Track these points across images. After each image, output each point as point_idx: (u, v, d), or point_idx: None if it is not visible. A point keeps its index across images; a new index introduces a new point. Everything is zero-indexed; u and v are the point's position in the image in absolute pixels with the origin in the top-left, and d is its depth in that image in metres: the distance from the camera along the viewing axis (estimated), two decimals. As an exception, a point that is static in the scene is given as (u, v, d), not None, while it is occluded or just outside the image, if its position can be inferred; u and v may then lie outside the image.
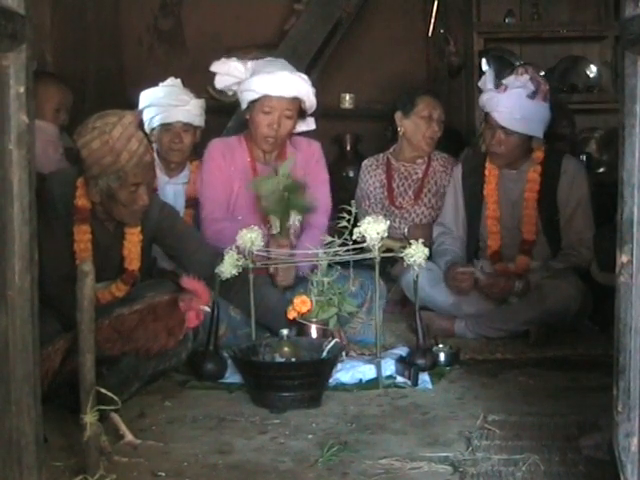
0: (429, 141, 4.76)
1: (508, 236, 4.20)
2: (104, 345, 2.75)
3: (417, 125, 4.74)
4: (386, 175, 4.82)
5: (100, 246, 3.55)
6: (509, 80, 4.11)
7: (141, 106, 4.53)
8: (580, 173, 4.22)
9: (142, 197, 3.46)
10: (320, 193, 4.13)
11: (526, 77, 4.07)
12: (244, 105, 4.08)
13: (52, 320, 3.27)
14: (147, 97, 4.54)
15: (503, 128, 4.09)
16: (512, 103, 4.06)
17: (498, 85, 4.13)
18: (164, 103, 4.46)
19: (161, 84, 4.57)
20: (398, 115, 4.78)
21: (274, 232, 3.87)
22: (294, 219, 3.95)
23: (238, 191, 4.09)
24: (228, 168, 4.10)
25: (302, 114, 4.09)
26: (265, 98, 3.97)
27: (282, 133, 4.03)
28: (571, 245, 4.13)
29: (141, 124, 3.51)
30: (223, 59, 4.13)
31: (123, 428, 2.75)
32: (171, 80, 4.57)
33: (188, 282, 2.96)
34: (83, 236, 3.54)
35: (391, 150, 4.88)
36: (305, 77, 4.09)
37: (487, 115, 4.18)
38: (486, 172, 4.24)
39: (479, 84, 4.33)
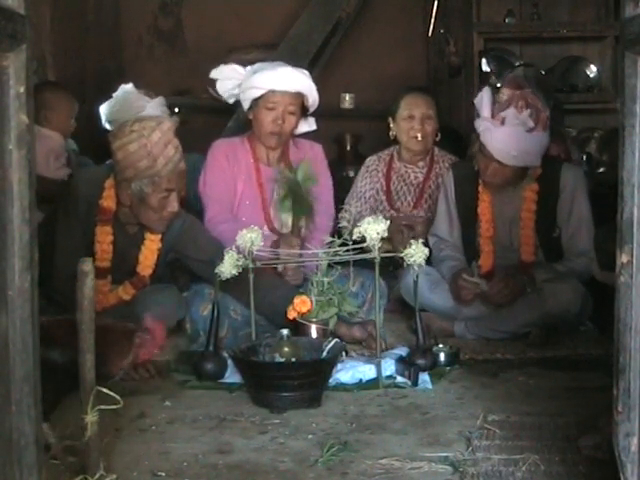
0: (414, 140, 4.68)
1: (503, 255, 4.09)
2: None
3: (401, 126, 4.69)
4: (385, 177, 4.79)
5: (117, 248, 3.57)
6: (508, 113, 3.86)
7: (103, 122, 4.34)
8: (580, 185, 4.07)
9: (172, 204, 3.51)
10: (324, 196, 4.13)
11: (526, 113, 3.84)
12: (247, 105, 4.05)
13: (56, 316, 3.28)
14: (104, 113, 4.35)
15: (498, 161, 3.91)
16: (509, 139, 3.85)
17: (494, 114, 3.90)
18: (119, 117, 4.10)
19: (114, 94, 4.36)
20: (390, 120, 4.75)
21: (284, 231, 3.88)
22: (303, 219, 3.96)
23: (242, 192, 4.09)
24: (231, 169, 4.10)
25: (304, 111, 4.10)
26: (269, 94, 3.96)
27: (286, 129, 4.03)
28: (574, 255, 4.04)
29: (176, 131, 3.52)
30: (221, 65, 4.10)
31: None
32: (122, 89, 4.36)
33: (150, 323, 2.94)
34: (105, 237, 3.57)
35: (396, 148, 4.81)
36: (307, 73, 4.10)
37: (482, 143, 3.95)
38: (479, 188, 4.09)
39: (475, 101, 4.06)
